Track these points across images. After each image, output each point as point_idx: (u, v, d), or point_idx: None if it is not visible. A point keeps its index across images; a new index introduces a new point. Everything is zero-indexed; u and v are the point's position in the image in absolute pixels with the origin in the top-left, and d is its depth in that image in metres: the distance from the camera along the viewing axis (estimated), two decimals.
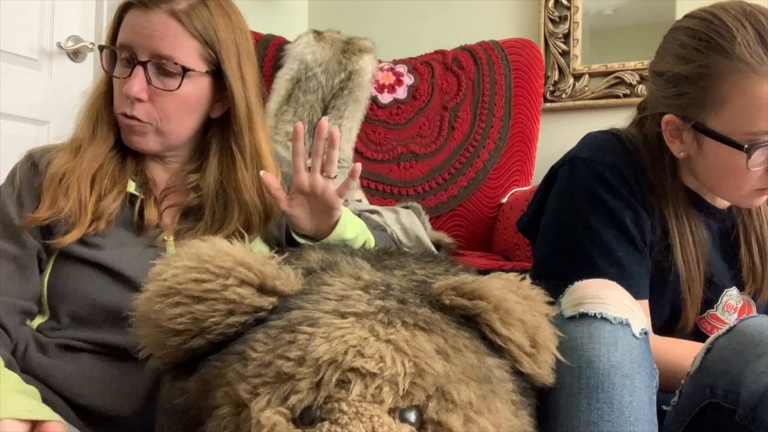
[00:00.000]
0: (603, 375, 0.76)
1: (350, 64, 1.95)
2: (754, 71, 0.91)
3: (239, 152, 1.05)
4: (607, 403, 0.75)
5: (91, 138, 1.04)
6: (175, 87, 0.99)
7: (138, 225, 1.02)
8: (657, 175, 1.04)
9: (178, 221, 1.05)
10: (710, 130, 0.96)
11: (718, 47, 0.94)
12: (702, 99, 0.96)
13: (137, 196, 1.03)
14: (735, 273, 1.09)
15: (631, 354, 0.78)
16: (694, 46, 0.97)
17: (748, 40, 0.92)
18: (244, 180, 1.05)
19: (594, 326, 0.79)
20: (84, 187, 0.99)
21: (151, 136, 1.02)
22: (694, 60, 0.96)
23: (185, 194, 1.07)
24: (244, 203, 1.04)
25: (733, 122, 0.94)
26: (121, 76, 1.01)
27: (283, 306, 0.71)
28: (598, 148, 1.07)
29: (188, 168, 1.08)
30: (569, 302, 0.83)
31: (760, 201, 1.03)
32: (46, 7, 1.77)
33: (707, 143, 0.98)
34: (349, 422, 0.60)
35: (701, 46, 0.96)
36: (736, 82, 0.92)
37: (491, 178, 1.93)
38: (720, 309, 1.09)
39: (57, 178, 0.99)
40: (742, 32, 0.93)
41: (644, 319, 0.83)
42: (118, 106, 1.02)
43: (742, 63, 0.92)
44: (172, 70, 0.99)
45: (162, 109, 1.01)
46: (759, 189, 0.99)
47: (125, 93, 0.98)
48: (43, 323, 0.98)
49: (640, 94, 2.47)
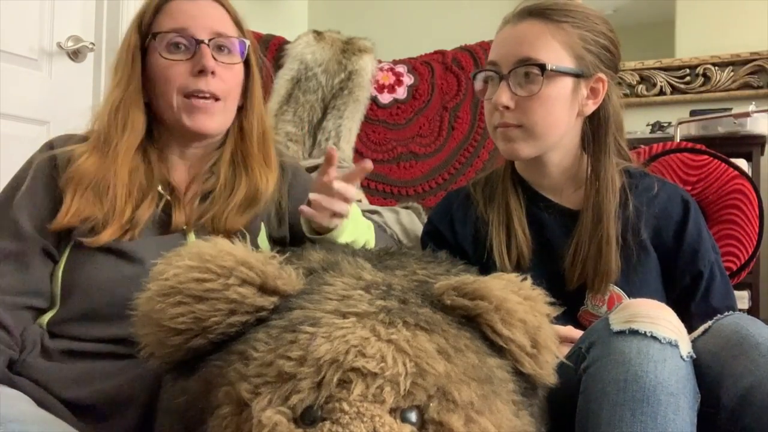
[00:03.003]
0: (649, 390, 0.76)
1: (350, 64, 1.95)
2: None
3: (248, 125, 1.13)
4: (651, 417, 0.75)
5: (122, 132, 1.04)
6: (237, 60, 1.09)
7: (163, 223, 1.04)
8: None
9: (197, 207, 1.07)
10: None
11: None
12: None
13: (163, 195, 1.05)
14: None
15: (678, 374, 0.78)
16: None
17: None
18: (253, 150, 1.12)
19: (643, 343, 0.79)
20: (121, 194, 1.01)
21: (218, 116, 1.07)
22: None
23: (202, 182, 1.10)
24: (251, 172, 1.10)
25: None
26: (182, 58, 1.04)
27: (285, 306, 0.71)
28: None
29: (210, 150, 1.12)
30: (619, 318, 0.83)
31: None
32: (46, 7, 1.77)
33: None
34: (350, 422, 0.60)
35: None
36: None
37: None
38: (589, 304, 1.11)
39: (87, 181, 1.00)
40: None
41: (690, 343, 0.83)
42: (185, 86, 1.04)
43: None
44: (230, 46, 1.08)
45: (228, 84, 1.07)
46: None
47: (202, 66, 1.03)
48: (54, 317, 0.98)
49: (640, 93, 2.49)
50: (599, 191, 1.09)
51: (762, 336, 0.82)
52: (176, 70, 1.04)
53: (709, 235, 1.16)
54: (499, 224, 1.15)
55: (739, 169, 1.44)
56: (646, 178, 1.16)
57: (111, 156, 1.02)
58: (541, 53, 1.05)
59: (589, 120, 1.12)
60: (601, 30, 1.10)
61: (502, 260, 1.12)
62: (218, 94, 1.05)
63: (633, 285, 1.10)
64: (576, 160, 1.15)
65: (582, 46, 1.07)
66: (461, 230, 1.19)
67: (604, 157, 1.11)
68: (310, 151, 1.88)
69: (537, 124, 1.07)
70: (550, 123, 1.07)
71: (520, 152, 1.10)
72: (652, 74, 2.49)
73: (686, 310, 1.09)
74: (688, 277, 1.11)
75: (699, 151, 1.48)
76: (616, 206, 1.09)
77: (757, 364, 0.79)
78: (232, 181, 1.10)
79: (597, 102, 1.10)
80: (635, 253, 1.10)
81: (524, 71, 1.06)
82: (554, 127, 1.08)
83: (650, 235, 1.12)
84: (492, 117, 1.11)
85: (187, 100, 1.04)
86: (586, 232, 1.09)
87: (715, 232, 1.39)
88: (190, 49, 1.04)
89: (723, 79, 2.40)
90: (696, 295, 1.11)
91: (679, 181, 1.43)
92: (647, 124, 2.34)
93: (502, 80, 1.08)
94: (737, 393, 0.80)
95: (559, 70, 1.05)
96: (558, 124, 1.08)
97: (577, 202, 1.15)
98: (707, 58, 2.43)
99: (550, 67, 1.04)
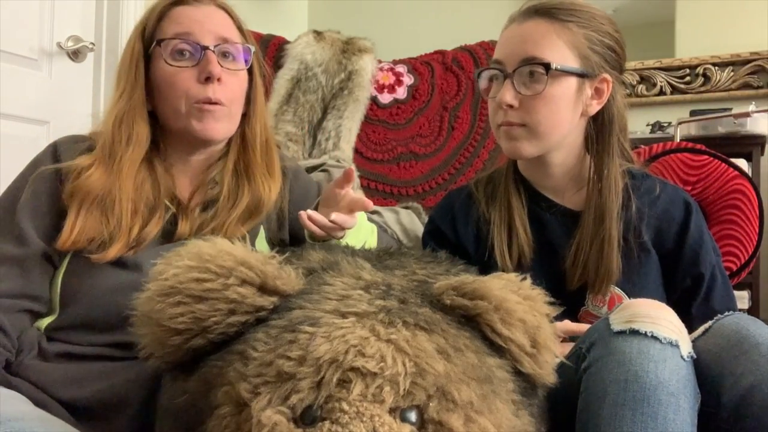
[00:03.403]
0: (649, 390, 0.76)
1: (350, 64, 1.95)
2: None
3: (251, 134, 1.12)
4: (651, 417, 0.75)
5: (126, 146, 1.03)
6: (241, 66, 1.08)
7: (166, 234, 1.04)
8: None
9: (199, 215, 1.07)
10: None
11: None
12: None
13: (170, 208, 1.05)
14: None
15: (678, 374, 0.78)
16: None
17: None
18: (255, 159, 1.11)
19: (644, 343, 0.79)
20: (126, 209, 1.00)
21: (224, 121, 1.06)
22: None
23: (205, 191, 1.09)
24: (254, 181, 1.09)
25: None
26: (188, 65, 1.03)
27: (284, 305, 0.71)
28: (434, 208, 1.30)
29: (213, 159, 1.11)
30: (619, 318, 0.83)
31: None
32: (46, 7, 1.77)
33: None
34: (349, 422, 0.60)
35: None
36: None
37: None
38: (589, 304, 1.11)
39: (93, 197, 0.99)
40: None
41: (690, 343, 0.83)
42: (194, 94, 1.03)
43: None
44: (235, 53, 1.07)
45: (232, 90, 1.06)
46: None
47: (209, 73, 1.02)
48: (52, 323, 0.97)
49: (640, 93, 2.49)
50: (602, 192, 1.09)
51: (762, 336, 0.81)
52: (182, 77, 1.03)
53: (710, 238, 1.16)
54: (500, 223, 1.15)
55: (739, 169, 1.44)
56: (648, 179, 1.16)
57: (116, 170, 1.01)
58: (546, 52, 1.05)
59: (593, 120, 1.12)
60: (606, 30, 1.10)
61: (504, 259, 1.12)
62: (224, 101, 1.04)
63: (634, 286, 1.10)
64: (579, 161, 1.15)
65: (587, 46, 1.07)
66: (463, 229, 1.19)
67: (608, 157, 1.11)
68: (310, 151, 1.87)
69: (540, 123, 1.07)
70: (554, 122, 1.07)
71: (523, 151, 1.10)
72: (652, 74, 2.49)
73: (687, 311, 1.08)
74: (689, 279, 1.11)
75: (699, 151, 1.48)
76: (618, 207, 1.09)
77: (758, 364, 0.79)
78: (235, 191, 1.09)
79: (601, 102, 1.10)
80: (636, 254, 1.09)
81: (529, 70, 1.06)
82: (558, 126, 1.08)
83: (651, 237, 1.12)
84: (496, 115, 1.11)
85: (197, 105, 1.03)
86: (587, 232, 1.09)
87: (715, 232, 1.39)
88: (195, 55, 1.03)
89: (723, 79, 2.40)
90: (697, 297, 1.11)
91: (679, 181, 1.43)
92: (647, 124, 2.34)
93: (506, 79, 1.08)
94: (737, 393, 0.80)
95: (563, 69, 1.05)
96: (562, 124, 1.08)
97: (578, 203, 1.15)
98: (707, 58, 2.43)
99: (554, 67, 1.04)
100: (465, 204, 1.22)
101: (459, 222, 1.20)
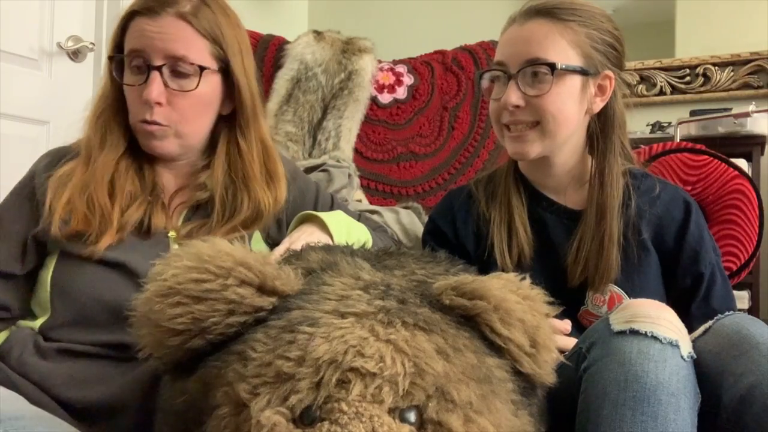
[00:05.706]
0: (650, 390, 0.76)
1: (350, 64, 1.95)
2: None
3: (246, 144, 1.08)
4: (651, 417, 0.75)
5: (100, 147, 1.04)
6: (192, 87, 1.01)
7: (145, 228, 1.03)
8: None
9: (187, 218, 1.06)
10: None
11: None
12: None
13: (150, 200, 1.04)
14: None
15: (678, 374, 0.78)
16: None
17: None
18: (253, 169, 1.08)
19: (644, 343, 0.79)
20: (103, 198, 1.00)
21: (170, 139, 1.03)
22: None
23: (193, 192, 1.08)
24: (253, 192, 1.07)
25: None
26: (136, 83, 1.01)
27: (283, 306, 0.71)
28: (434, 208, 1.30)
29: (198, 166, 1.09)
30: (619, 318, 0.83)
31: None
32: (46, 7, 1.77)
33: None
34: (349, 422, 0.60)
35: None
36: None
37: None
38: (589, 304, 1.11)
39: (72, 192, 1.00)
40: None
41: (690, 343, 0.83)
42: (136, 113, 1.02)
43: None
44: (188, 71, 1.01)
45: (180, 111, 1.02)
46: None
47: (145, 99, 0.99)
48: (45, 323, 0.98)
49: (639, 93, 2.49)
50: (603, 189, 1.10)
51: (762, 336, 0.82)
52: (132, 95, 1.03)
53: (710, 237, 1.16)
54: (500, 222, 1.15)
55: (739, 169, 1.44)
56: (648, 179, 1.17)
57: (91, 167, 1.02)
58: (550, 53, 1.06)
59: (596, 118, 1.13)
60: (606, 28, 1.10)
61: (503, 259, 1.12)
62: (165, 122, 1.02)
63: (633, 285, 1.10)
64: (580, 160, 1.16)
65: (589, 45, 1.08)
66: (463, 228, 1.19)
67: (610, 155, 1.11)
68: (310, 151, 1.87)
69: (549, 121, 1.08)
70: (561, 121, 1.08)
71: (531, 152, 1.10)
72: (652, 74, 2.49)
73: (686, 311, 1.09)
74: (689, 279, 1.11)
75: (699, 151, 1.47)
76: (618, 205, 1.10)
77: (758, 364, 0.79)
78: (233, 203, 1.06)
79: (605, 99, 1.11)
80: (636, 252, 1.10)
81: (533, 71, 1.06)
82: (565, 124, 1.09)
83: (651, 236, 1.12)
84: (500, 116, 1.11)
85: (140, 125, 1.03)
86: (588, 229, 1.10)
87: (715, 232, 1.39)
88: (143, 74, 1.01)
89: (723, 79, 2.40)
90: (696, 296, 1.11)
91: (679, 181, 1.43)
92: (647, 124, 2.34)
93: (510, 80, 1.08)
94: (738, 393, 0.80)
95: (568, 68, 1.06)
96: (569, 122, 1.09)
97: (578, 202, 1.15)
98: (707, 58, 2.43)
99: (559, 66, 1.05)
100: (465, 203, 1.22)
101: (459, 221, 1.20)
